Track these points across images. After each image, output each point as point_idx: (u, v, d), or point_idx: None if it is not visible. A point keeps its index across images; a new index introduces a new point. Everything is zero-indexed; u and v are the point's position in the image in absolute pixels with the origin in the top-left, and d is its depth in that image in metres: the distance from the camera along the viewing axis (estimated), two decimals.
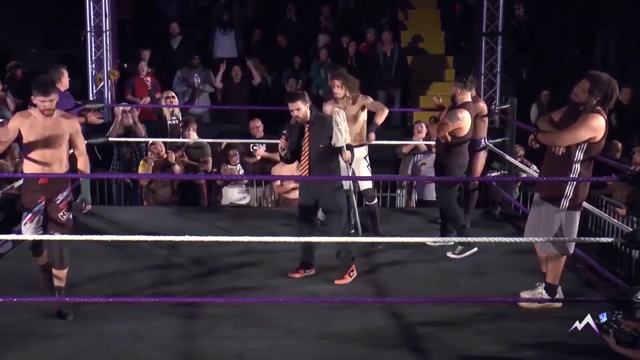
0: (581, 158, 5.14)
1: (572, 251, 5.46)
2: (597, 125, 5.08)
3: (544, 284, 5.52)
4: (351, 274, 6.09)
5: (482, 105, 7.57)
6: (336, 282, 6.03)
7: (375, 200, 7.12)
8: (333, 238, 5.86)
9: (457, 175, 6.78)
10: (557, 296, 5.47)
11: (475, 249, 6.68)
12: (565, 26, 13.49)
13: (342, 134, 6.04)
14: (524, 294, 5.57)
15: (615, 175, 6.22)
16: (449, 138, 6.70)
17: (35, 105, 5.21)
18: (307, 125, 6.04)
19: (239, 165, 9.19)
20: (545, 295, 5.46)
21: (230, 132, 10.97)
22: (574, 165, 5.16)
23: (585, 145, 5.13)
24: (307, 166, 6.10)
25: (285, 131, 6.17)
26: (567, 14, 13.44)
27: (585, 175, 5.23)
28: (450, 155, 6.74)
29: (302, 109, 5.96)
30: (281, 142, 6.14)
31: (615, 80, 5.18)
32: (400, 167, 9.95)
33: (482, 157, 7.63)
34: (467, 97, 6.81)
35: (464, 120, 6.63)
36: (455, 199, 6.81)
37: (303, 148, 6.07)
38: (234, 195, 9.20)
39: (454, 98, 6.97)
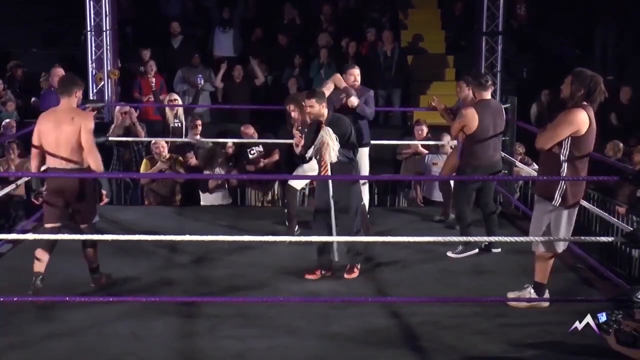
0: (568, 154, 5.12)
1: (560, 250, 5.43)
2: (575, 119, 5.06)
3: (532, 286, 5.53)
4: (357, 267, 6.18)
5: None
6: (345, 276, 6.08)
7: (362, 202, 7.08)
8: (343, 237, 5.91)
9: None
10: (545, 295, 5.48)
11: (476, 250, 6.68)
12: (566, 26, 13.49)
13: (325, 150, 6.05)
14: (511, 294, 5.57)
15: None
16: (462, 139, 6.68)
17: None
18: (323, 125, 6.06)
19: (218, 168, 9.07)
20: (534, 296, 5.46)
21: (230, 132, 10.99)
22: (562, 162, 5.14)
23: (569, 140, 5.10)
24: (327, 165, 6.12)
25: (301, 127, 6.23)
26: (568, 14, 13.44)
27: (579, 171, 5.21)
28: (462, 157, 6.68)
29: (315, 107, 6.02)
30: (296, 139, 6.23)
31: (609, 78, 5.17)
32: (403, 166, 9.94)
33: None
34: (484, 95, 6.66)
35: (468, 116, 6.53)
36: (465, 200, 6.72)
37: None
38: (210, 199, 9.05)
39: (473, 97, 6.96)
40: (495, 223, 6.91)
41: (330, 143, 5.97)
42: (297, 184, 7.16)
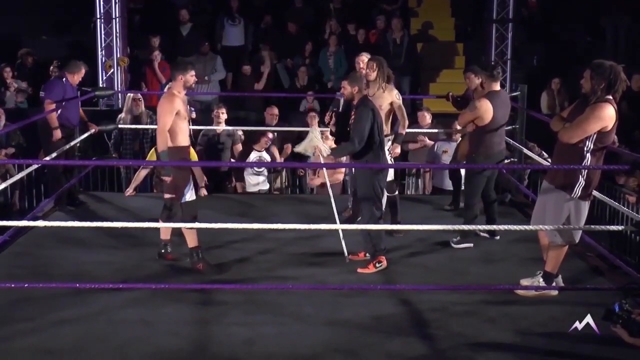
0: (592, 147, 5.10)
1: (577, 240, 5.43)
2: (605, 115, 5.04)
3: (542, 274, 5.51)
4: (377, 264, 6.05)
5: None
6: (359, 270, 6.03)
7: (397, 192, 7.12)
8: (356, 225, 6.00)
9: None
10: (554, 284, 5.46)
11: (471, 245, 6.66)
12: (577, 13, 13.41)
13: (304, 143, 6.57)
14: (524, 281, 5.57)
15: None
16: (471, 128, 6.67)
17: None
18: (353, 110, 6.11)
19: (264, 152, 9.06)
20: (543, 284, 5.45)
21: (241, 119, 10.98)
22: (586, 154, 5.12)
23: (596, 135, 5.09)
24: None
25: (334, 107, 6.47)
26: (578, 1, 13.35)
27: (599, 162, 5.19)
28: (475, 146, 6.65)
29: (347, 88, 6.10)
30: (327, 117, 6.50)
31: (621, 66, 5.12)
32: (411, 155, 9.92)
33: None
34: (493, 87, 6.59)
35: (481, 109, 6.46)
36: (478, 190, 6.68)
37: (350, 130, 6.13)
38: (254, 181, 9.13)
39: (480, 87, 6.93)
40: (495, 211, 6.98)
41: (319, 145, 6.50)
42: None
